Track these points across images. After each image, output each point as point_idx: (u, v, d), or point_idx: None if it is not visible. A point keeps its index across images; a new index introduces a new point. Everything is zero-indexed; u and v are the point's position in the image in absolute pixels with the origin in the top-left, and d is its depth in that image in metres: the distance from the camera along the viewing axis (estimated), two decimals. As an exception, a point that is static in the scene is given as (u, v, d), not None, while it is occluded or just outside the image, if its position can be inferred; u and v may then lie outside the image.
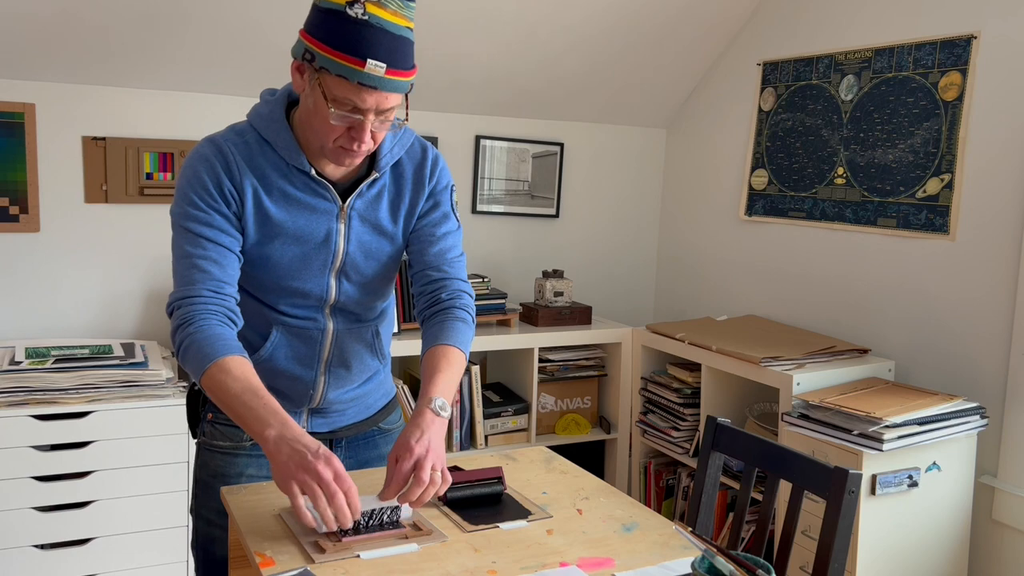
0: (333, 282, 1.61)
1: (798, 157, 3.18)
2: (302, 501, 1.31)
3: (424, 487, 1.39)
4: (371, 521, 1.44)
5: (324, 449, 1.34)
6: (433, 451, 1.42)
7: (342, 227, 1.58)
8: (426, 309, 1.68)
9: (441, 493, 1.43)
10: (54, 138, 2.79)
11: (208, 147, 1.54)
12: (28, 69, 2.70)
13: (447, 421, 1.50)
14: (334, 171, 1.57)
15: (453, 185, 1.71)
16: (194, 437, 1.74)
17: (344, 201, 1.58)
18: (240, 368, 1.43)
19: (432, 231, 1.67)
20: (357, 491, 1.33)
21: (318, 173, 1.56)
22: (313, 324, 1.63)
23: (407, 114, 1.51)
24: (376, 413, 1.80)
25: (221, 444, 1.67)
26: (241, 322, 1.54)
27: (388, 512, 1.45)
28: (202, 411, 1.71)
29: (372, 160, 1.60)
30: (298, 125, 1.54)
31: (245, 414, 1.39)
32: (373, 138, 1.47)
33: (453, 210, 1.70)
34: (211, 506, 1.65)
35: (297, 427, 1.38)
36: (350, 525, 1.34)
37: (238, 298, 1.54)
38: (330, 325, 1.64)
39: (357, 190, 1.58)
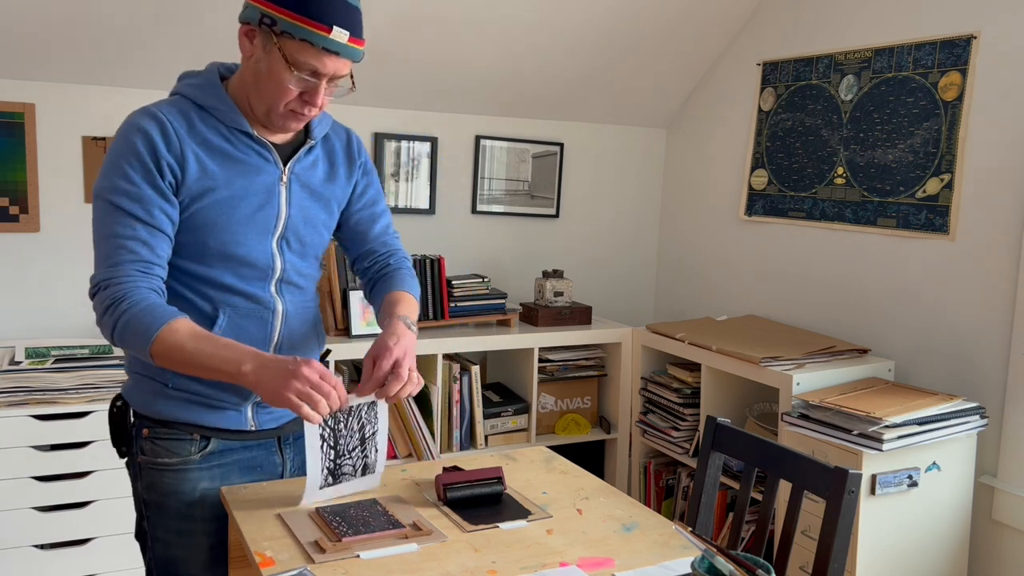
0: (276, 250, 1.59)
1: (798, 157, 3.18)
2: (306, 409, 1.37)
3: (402, 383, 1.49)
4: (350, 418, 1.54)
5: (300, 358, 1.40)
6: (409, 354, 1.53)
7: (283, 190, 1.58)
8: (376, 273, 1.77)
9: (415, 393, 1.54)
10: (54, 138, 2.79)
11: (143, 117, 1.48)
12: (28, 69, 2.70)
13: (416, 336, 1.60)
14: (271, 138, 1.59)
15: (369, 157, 1.80)
16: (121, 457, 1.63)
17: (284, 166, 1.59)
18: (187, 326, 1.42)
19: (372, 210, 1.76)
20: (341, 384, 1.42)
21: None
22: (262, 304, 1.59)
23: (353, 83, 1.55)
24: None
25: (167, 461, 1.57)
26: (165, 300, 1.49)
27: (366, 408, 1.56)
28: (132, 429, 1.61)
29: (305, 130, 1.65)
30: (236, 91, 1.55)
31: (212, 363, 1.39)
32: (321, 104, 1.52)
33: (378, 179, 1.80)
34: (168, 527, 1.58)
35: (265, 353, 1.43)
36: (339, 407, 1.42)
37: (165, 278, 1.50)
38: (279, 305, 1.61)
39: (296, 155, 1.61)
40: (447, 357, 3.08)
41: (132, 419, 1.61)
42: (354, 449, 1.56)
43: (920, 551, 2.45)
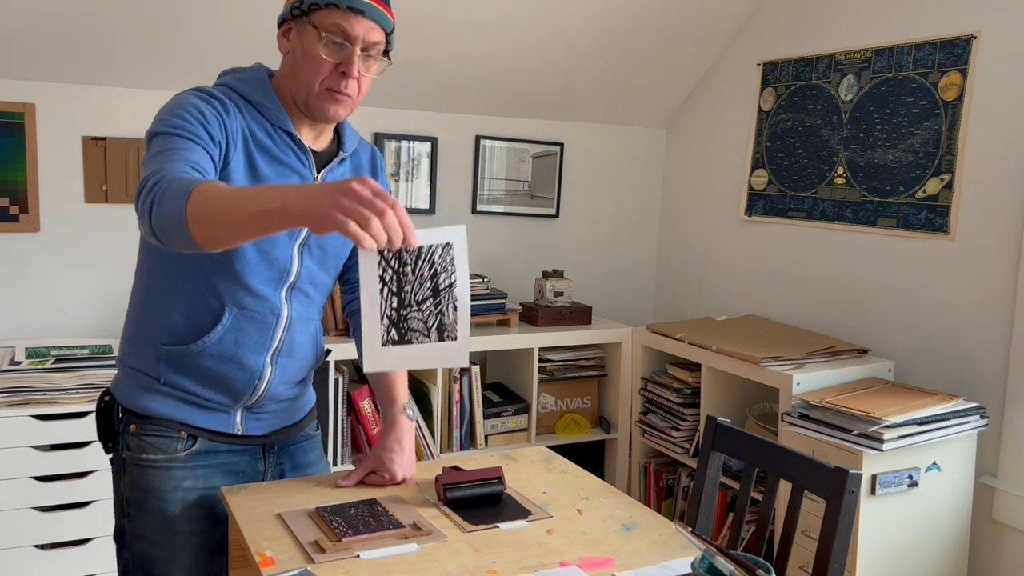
0: (296, 254, 1.57)
1: (798, 157, 3.18)
2: (354, 227, 1.14)
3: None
4: (419, 261, 1.27)
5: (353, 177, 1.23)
6: (411, 469, 1.69)
7: None
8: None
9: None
10: (54, 138, 2.79)
11: (199, 93, 1.49)
12: (28, 69, 2.70)
13: (415, 422, 1.71)
14: (311, 143, 1.60)
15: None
16: (107, 452, 1.62)
17: (318, 172, 1.60)
18: (223, 183, 1.32)
19: None
20: (404, 209, 1.20)
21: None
22: (269, 307, 1.56)
23: (389, 58, 1.56)
24: (302, 419, 1.78)
25: (152, 458, 1.56)
26: None
27: (440, 251, 1.28)
28: (119, 424, 1.59)
29: (338, 143, 1.66)
30: (280, 90, 1.56)
31: (255, 203, 1.21)
32: (359, 84, 1.52)
33: None
34: (148, 525, 1.56)
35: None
36: (402, 245, 1.19)
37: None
38: (285, 311, 1.59)
39: (329, 164, 1.62)
40: (447, 357, 3.07)
41: (120, 414, 1.59)
42: (424, 301, 1.30)
43: (920, 551, 2.45)
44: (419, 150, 3.34)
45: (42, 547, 2.46)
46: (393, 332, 1.28)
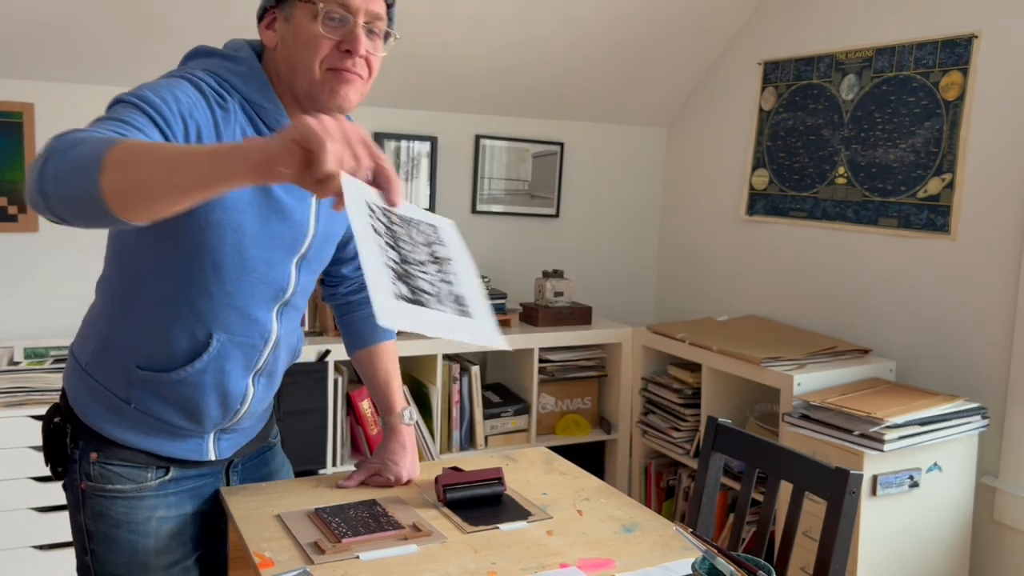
0: (294, 271, 1.43)
1: (799, 157, 3.17)
2: (334, 166, 0.96)
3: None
4: (408, 226, 1.12)
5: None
6: (415, 469, 1.68)
7: (314, 206, 1.42)
8: (345, 297, 1.71)
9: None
10: (53, 138, 2.79)
11: (199, 81, 1.29)
12: (28, 69, 2.70)
13: (414, 427, 1.69)
14: None
15: None
16: (58, 479, 1.45)
17: None
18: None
19: None
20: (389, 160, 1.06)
21: None
22: (258, 330, 1.42)
23: (394, 33, 1.38)
24: (267, 426, 1.68)
25: (120, 488, 1.41)
26: None
27: (427, 226, 1.15)
28: (74, 450, 1.41)
29: None
30: (275, 84, 1.36)
31: (196, 159, 1.01)
32: (367, 63, 1.32)
33: None
34: (118, 561, 1.43)
35: None
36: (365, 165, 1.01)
37: None
38: (275, 332, 1.45)
39: None
40: (447, 357, 3.07)
41: (74, 439, 1.41)
42: (425, 264, 1.15)
43: (921, 552, 2.45)
44: (419, 150, 3.34)
45: (41, 547, 2.46)
46: (402, 287, 1.06)
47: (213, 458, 1.51)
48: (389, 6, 1.36)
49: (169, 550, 1.46)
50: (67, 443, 1.42)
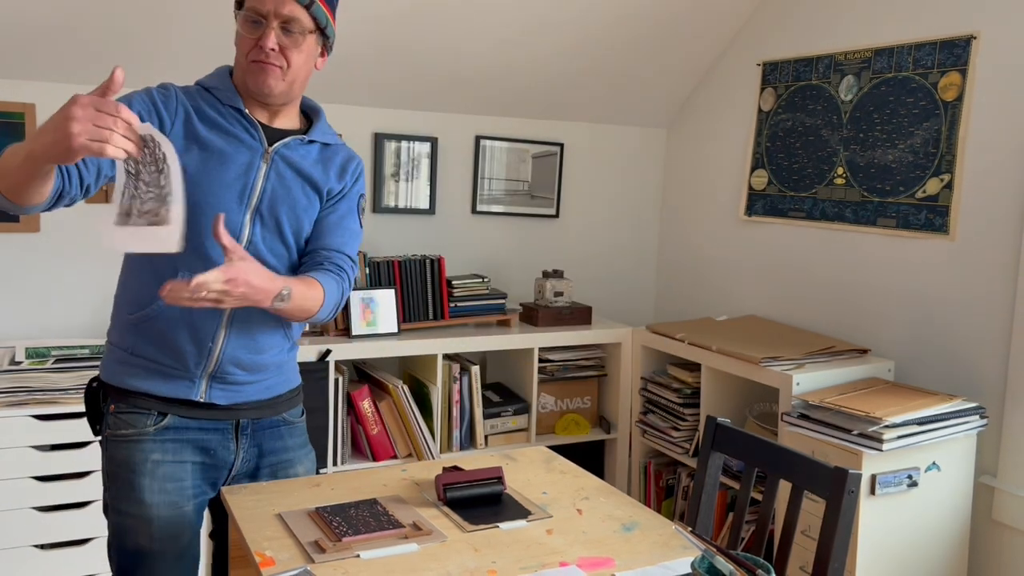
0: (248, 222, 1.64)
1: (798, 157, 3.18)
2: (98, 146, 1.27)
3: (188, 293, 1.41)
4: (153, 146, 1.39)
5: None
6: (241, 284, 1.45)
7: (264, 165, 1.66)
8: (305, 267, 1.72)
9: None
10: (54, 138, 2.79)
11: (154, 86, 1.66)
12: (28, 69, 2.70)
13: (281, 308, 1.56)
14: (265, 121, 1.69)
15: (364, 195, 1.83)
16: (96, 435, 1.74)
17: (270, 145, 1.67)
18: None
19: (340, 224, 1.74)
20: (119, 107, 1.35)
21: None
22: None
23: (325, 49, 1.71)
24: (278, 398, 1.77)
25: (125, 432, 1.66)
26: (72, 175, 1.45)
27: (158, 148, 1.39)
28: (104, 405, 1.71)
29: (309, 127, 1.75)
30: (236, 79, 1.69)
31: (28, 144, 1.32)
32: (284, 55, 1.61)
33: (360, 214, 1.80)
34: (123, 496, 1.65)
35: None
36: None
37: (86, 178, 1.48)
38: None
39: (284, 140, 1.68)
40: (447, 357, 3.08)
41: (104, 397, 1.70)
42: (151, 182, 1.40)
43: (920, 551, 2.45)
44: (419, 150, 3.34)
45: (42, 547, 2.46)
46: (124, 216, 1.38)
47: (203, 400, 1.66)
48: (307, 7, 1.61)
49: (162, 491, 1.64)
50: (100, 403, 1.71)
